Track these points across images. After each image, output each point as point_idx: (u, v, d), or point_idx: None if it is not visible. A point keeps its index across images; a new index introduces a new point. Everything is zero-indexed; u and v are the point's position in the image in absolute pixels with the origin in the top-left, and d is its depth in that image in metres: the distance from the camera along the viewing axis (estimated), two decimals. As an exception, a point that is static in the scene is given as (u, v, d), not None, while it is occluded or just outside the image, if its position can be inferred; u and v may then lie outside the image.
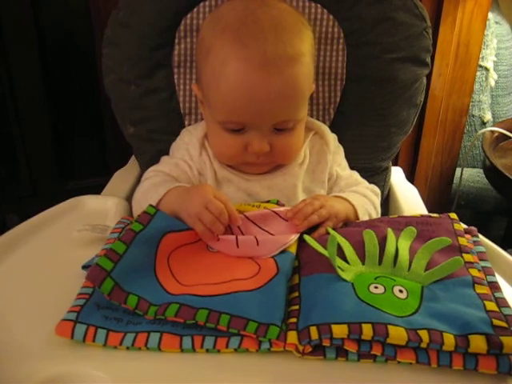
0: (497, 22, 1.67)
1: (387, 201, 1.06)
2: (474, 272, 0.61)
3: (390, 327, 0.51)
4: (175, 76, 0.96)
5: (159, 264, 0.63)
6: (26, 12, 1.46)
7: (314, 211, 0.73)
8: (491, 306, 0.55)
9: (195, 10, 0.93)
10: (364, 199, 0.84)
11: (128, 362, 0.53)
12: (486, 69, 1.65)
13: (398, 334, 0.50)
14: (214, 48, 0.77)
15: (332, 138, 0.91)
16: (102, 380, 0.51)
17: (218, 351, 0.53)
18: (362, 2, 0.92)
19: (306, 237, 0.67)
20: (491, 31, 1.63)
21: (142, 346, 0.53)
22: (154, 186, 0.81)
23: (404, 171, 1.15)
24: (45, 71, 1.54)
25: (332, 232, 0.67)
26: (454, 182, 1.51)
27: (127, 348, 0.53)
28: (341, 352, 0.52)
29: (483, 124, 1.68)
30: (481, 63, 1.60)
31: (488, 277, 0.62)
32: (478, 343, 0.49)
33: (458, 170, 1.50)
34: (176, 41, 0.94)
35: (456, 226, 0.71)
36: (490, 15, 1.58)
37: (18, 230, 0.76)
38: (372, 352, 0.51)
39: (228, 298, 0.56)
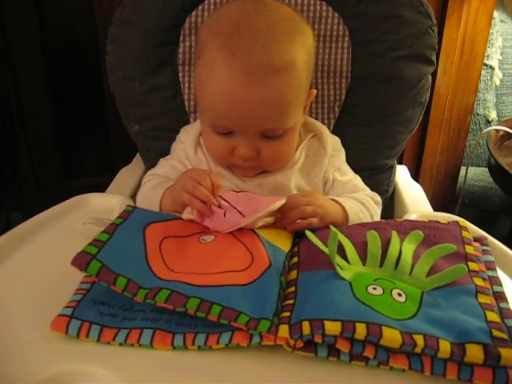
0: (502, 21, 1.67)
1: (392, 199, 1.06)
2: (479, 281, 0.59)
3: (384, 328, 0.49)
4: (180, 74, 0.96)
5: (150, 250, 0.63)
6: (29, 10, 1.45)
7: (299, 206, 0.73)
8: (493, 316, 0.53)
9: (200, 7, 0.93)
10: (360, 207, 0.83)
11: (132, 358, 0.53)
12: (491, 67, 1.65)
13: (392, 336, 0.49)
14: (204, 52, 0.77)
15: (330, 140, 0.90)
16: (106, 378, 0.51)
17: (210, 348, 0.52)
18: (367, 0, 0.91)
19: (308, 232, 0.65)
20: (496, 29, 1.63)
21: (135, 342, 0.53)
22: (153, 188, 0.83)
23: (409, 169, 1.15)
24: (48, 69, 1.54)
25: (333, 229, 0.65)
26: (459, 180, 1.51)
27: (120, 344, 0.54)
28: (333, 351, 0.51)
29: (488, 123, 1.67)
30: (486, 62, 1.60)
31: (494, 286, 0.61)
32: (474, 352, 0.47)
33: (463, 169, 1.50)
34: (181, 38, 0.94)
35: (464, 233, 0.68)
36: (495, 13, 1.58)
37: (23, 228, 0.76)
38: (365, 354, 0.49)
39: (220, 289, 0.56)
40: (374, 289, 0.56)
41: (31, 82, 1.53)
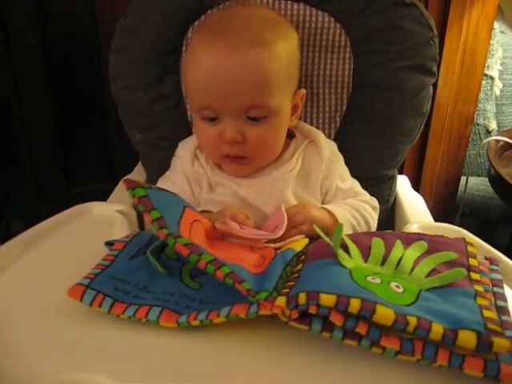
0: (502, 32, 1.67)
1: (393, 209, 1.06)
2: (479, 288, 0.59)
3: (378, 305, 0.50)
4: (182, 83, 0.97)
5: (184, 220, 0.65)
6: (31, 18, 1.46)
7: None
8: (490, 314, 0.52)
9: (202, 17, 0.93)
10: (353, 213, 0.85)
11: (131, 365, 0.53)
12: (491, 78, 1.65)
13: (385, 313, 0.49)
14: (190, 43, 0.86)
15: (326, 145, 0.91)
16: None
17: (211, 321, 0.54)
18: (368, 11, 0.92)
19: (315, 226, 0.68)
20: (496, 40, 1.64)
21: (143, 316, 0.56)
22: None
23: (409, 179, 1.15)
24: (50, 76, 1.55)
25: (339, 225, 0.67)
26: (459, 190, 1.51)
27: (129, 317, 0.56)
28: (326, 326, 0.52)
29: (488, 133, 1.68)
30: (486, 72, 1.60)
31: (498, 301, 0.59)
32: (466, 337, 0.48)
33: (463, 179, 1.50)
34: (184, 48, 0.94)
35: (469, 248, 0.68)
36: (496, 24, 1.58)
37: (25, 236, 0.76)
38: (357, 330, 0.50)
39: (232, 263, 0.59)
40: (373, 279, 0.58)
41: (33, 89, 1.54)
